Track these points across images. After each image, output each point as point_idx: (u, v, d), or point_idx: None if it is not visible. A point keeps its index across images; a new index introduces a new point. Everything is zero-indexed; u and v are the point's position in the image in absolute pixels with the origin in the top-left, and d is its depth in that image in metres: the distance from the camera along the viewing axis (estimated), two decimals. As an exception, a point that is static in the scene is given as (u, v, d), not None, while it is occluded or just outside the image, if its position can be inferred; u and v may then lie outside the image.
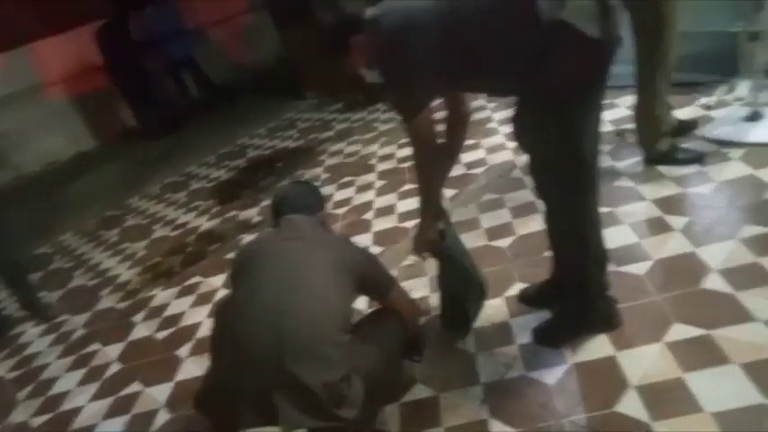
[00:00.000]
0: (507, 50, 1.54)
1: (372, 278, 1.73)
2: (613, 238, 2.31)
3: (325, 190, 3.95)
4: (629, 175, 2.71)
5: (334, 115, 5.59)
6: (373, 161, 4.13)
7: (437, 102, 1.76)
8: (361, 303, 2.33)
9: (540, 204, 1.82)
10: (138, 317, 3.23)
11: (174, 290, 3.37)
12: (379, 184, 3.72)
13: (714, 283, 1.92)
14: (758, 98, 2.62)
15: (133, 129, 7.43)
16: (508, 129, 3.54)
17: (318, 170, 4.38)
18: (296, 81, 6.30)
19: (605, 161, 2.88)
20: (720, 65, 3.07)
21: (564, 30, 1.47)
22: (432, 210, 1.92)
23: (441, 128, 1.91)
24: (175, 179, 5.51)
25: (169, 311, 3.16)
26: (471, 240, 2.64)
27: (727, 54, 3.02)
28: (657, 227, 2.30)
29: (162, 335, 2.95)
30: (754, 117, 2.61)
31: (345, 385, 1.49)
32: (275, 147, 5.33)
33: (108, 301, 3.57)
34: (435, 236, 1.97)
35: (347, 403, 1.49)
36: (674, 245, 2.16)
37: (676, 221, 2.28)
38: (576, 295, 1.84)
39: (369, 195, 3.62)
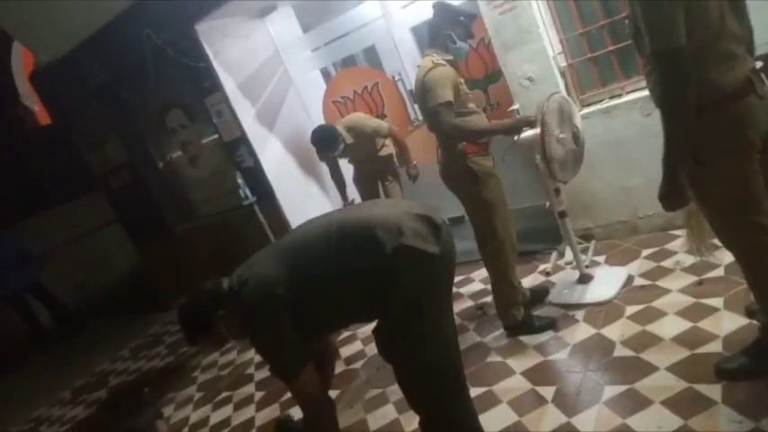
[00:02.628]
0: (360, 287, 1.66)
1: None
2: (496, 419, 2.36)
3: (200, 413, 3.65)
4: (496, 349, 2.85)
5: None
6: (251, 370, 3.94)
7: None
8: None
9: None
10: None
11: None
12: (259, 395, 3.52)
13: (593, 454, 1.98)
14: (582, 262, 2.99)
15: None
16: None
17: (191, 389, 4.06)
18: (158, 292, 6.07)
19: (472, 338, 3.02)
20: (549, 234, 3.51)
21: (407, 252, 1.62)
22: None
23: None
24: (21, 428, 4.76)
25: None
26: (361, 448, 2.54)
27: (552, 224, 3.48)
28: (532, 401, 2.38)
29: None
30: (583, 280, 2.95)
31: None
32: (141, 369, 4.91)
33: None
34: None
35: None
36: (550, 419, 2.23)
37: (547, 392, 2.39)
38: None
39: (249, 411, 3.39)
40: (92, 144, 5.92)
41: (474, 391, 2.58)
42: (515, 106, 3.16)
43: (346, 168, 4.30)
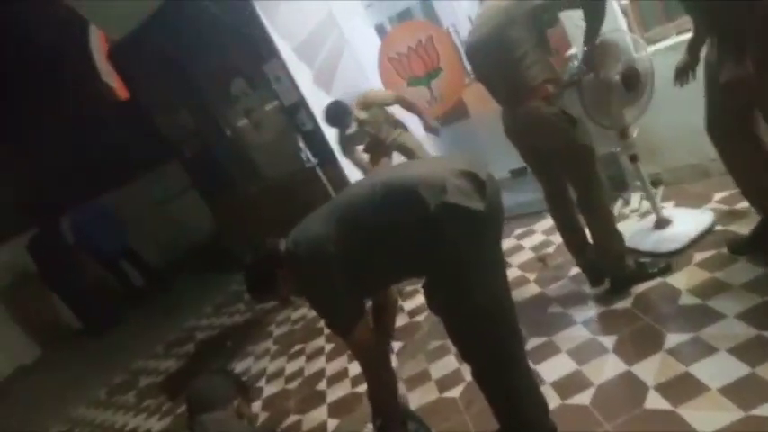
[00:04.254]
0: (406, 245, 1.71)
1: None
2: (555, 368, 2.38)
3: (276, 364, 3.89)
4: (557, 299, 2.84)
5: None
6: (321, 323, 4.13)
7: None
8: None
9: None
10: None
11: None
12: (329, 347, 3.71)
13: (654, 401, 1.96)
14: (658, 207, 2.84)
15: (78, 331, 7.21)
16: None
17: (268, 343, 4.33)
18: (232, 252, 6.40)
19: (533, 289, 3.02)
20: (612, 182, 3.38)
21: (450, 209, 1.64)
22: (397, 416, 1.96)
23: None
24: (123, 378, 5.27)
25: None
26: (422, 395, 2.64)
27: (615, 172, 3.35)
28: (592, 350, 2.37)
29: None
30: (660, 225, 2.80)
31: None
32: (223, 324, 5.27)
33: None
34: None
35: None
36: (610, 367, 2.22)
37: (607, 341, 2.36)
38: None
39: (320, 362, 3.58)
40: (165, 115, 6.24)
41: (534, 342, 2.60)
42: (573, 50, 3.02)
43: None
